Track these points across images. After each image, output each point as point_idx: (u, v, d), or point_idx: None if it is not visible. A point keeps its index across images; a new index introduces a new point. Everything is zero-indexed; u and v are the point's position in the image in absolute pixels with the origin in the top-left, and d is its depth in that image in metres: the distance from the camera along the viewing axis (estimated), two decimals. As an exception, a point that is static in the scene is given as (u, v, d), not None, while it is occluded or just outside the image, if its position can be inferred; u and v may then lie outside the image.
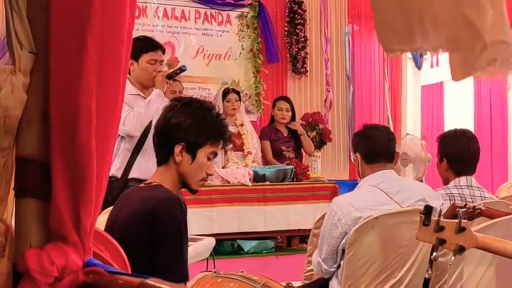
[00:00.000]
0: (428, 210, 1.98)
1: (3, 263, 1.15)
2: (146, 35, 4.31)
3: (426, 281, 2.98)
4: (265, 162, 6.55)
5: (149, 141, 3.64)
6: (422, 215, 1.97)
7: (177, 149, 2.21)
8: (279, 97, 7.03)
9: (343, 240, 2.80)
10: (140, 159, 3.87)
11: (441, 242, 1.95)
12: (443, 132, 3.63)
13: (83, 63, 1.13)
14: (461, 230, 1.94)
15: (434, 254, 2.02)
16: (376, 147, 3.00)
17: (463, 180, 3.28)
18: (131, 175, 3.86)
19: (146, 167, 3.70)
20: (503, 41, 1.14)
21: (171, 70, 4.09)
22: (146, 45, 3.94)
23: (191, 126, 2.22)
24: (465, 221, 1.99)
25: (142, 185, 2.27)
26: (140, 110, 3.84)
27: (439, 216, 2.01)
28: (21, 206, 1.17)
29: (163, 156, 2.26)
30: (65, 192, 1.14)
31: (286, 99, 6.85)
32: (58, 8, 1.13)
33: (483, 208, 2.74)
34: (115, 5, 1.17)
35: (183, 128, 2.22)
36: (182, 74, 4.25)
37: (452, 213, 2.70)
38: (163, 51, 4.09)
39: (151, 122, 3.76)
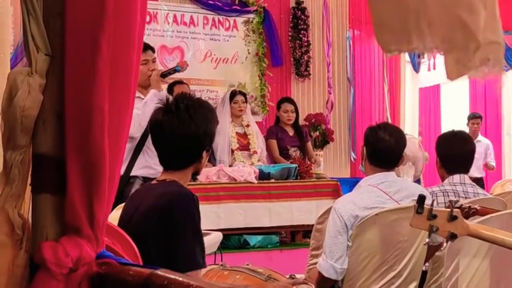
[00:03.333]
0: (421, 199, 2.01)
1: (20, 255, 1.19)
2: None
3: (424, 274, 3.02)
4: (272, 159, 6.62)
5: (149, 141, 3.71)
6: (415, 204, 2.01)
7: (205, 153, 2.23)
8: (283, 99, 7.08)
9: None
10: (141, 158, 4.01)
11: (434, 229, 1.98)
12: (442, 133, 3.75)
13: (96, 65, 1.16)
14: (452, 218, 1.97)
15: (427, 239, 2.04)
16: (381, 154, 2.97)
17: (456, 178, 3.33)
18: (133, 173, 4.00)
19: (146, 165, 3.92)
20: (495, 42, 1.16)
21: (165, 69, 4.17)
22: None
23: (213, 127, 2.24)
24: (457, 210, 2.02)
25: (154, 182, 2.28)
26: (137, 111, 3.90)
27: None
28: (37, 201, 1.21)
29: (188, 162, 2.22)
30: (79, 188, 1.17)
31: (290, 101, 6.92)
32: (73, 12, 1.17)
33: (478, 207, 2.78)
34: (126, 10, 1.20)
35: (211, 132, 2.23)
36: (191, 77, 4.31)
37: None
38: (153, 51, 4.22)
39: None
